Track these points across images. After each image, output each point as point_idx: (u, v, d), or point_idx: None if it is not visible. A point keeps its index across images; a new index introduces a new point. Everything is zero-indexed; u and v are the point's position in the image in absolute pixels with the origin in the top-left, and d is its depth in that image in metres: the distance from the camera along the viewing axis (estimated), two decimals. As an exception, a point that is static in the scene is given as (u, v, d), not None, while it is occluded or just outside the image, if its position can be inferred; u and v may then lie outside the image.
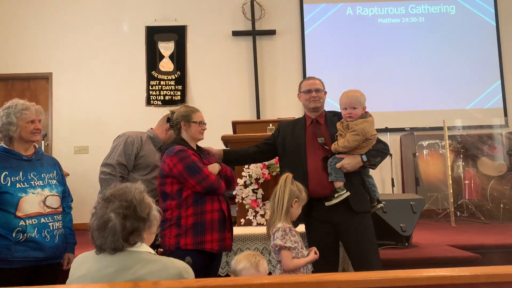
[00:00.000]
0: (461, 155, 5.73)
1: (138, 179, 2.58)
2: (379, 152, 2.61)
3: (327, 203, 2.51)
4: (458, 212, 5.45)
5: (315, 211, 2.60)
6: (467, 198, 5.57)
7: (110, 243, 1.43)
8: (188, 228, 2.39)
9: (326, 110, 2.83)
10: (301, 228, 2.67)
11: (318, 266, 2.60)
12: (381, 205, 2.68)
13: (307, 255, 2.32)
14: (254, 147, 2.88)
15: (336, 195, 2.50)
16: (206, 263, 2.46)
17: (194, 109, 2.68)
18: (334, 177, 2.54)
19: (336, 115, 2.75)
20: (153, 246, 2.05)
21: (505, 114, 6.53)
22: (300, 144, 2.69)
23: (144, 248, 1.50)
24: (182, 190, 2.44)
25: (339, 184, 2.53)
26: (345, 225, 2.55)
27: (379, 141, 2.66)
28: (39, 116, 2.42)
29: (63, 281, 1.64)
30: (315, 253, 2.34)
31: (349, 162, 2.52)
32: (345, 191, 2.50)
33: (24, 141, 2.37)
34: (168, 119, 2.71)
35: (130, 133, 2.98)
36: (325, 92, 2.79)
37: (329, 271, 2.39)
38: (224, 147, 3.78)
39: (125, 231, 1.44)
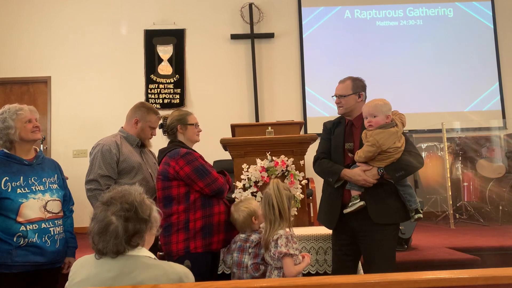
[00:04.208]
0: (460, 158, 5.74)
1: (129, 184, 2.55)
2: (403, 165, 2.41)
3: (344, 211, 2.50)
4: (457, 215, 5.46)
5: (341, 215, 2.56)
6: (466, 200, 5.58)
7: (113, 246, 1.42)
8: (197, 231, 2.41)
9: None
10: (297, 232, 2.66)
11: (336, 267, 2.65)
12: (419, 215, 2.47)
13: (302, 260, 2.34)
14: (327, 160, 2.64)
15: (350, 204, 2.47)
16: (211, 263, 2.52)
17: (188, 112, 2.72)
18: (349, 186, 2.51)
19: None
20: (154, 248, 2.05)
21: (503, 116, 6.54)
22: (338, 146, 2.62)
23: (143, 252, 1.49)
24: (190, 192, 2.45)
25: (354, 193, 2.48)
26: (361, 233, 2.50)
27: (408, 153, 2.45)
28: (34, 115, 2.42)
29: (63, 285, 1.63)
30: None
31: (360, 174, 2.43)
32: (358, 200, 2.44)
33: (25, 142, 2.36)
34: (161, 125, 2.71)
35: (103, 142, 2.84)
36: (360, 94, 2.60)
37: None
38: (223, 150, 3.78)
39: (128, 234, 1.43)
